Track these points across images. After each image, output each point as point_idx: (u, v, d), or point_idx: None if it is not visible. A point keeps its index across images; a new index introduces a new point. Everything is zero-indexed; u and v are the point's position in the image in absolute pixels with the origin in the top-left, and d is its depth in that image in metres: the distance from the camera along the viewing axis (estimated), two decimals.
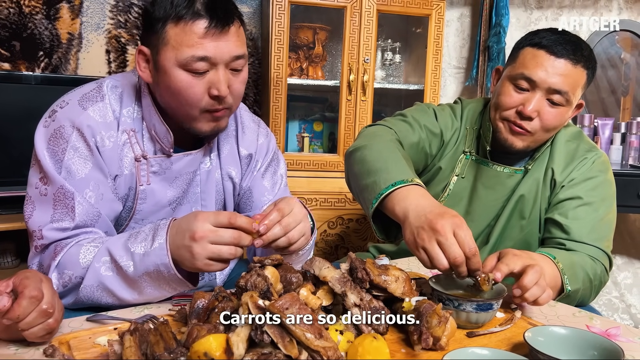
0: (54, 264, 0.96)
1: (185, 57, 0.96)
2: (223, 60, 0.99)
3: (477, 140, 1.37)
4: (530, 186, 1.30)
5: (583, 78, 1.21)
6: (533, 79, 1.19)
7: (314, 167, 2.25)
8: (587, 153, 1.30)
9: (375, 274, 0.84)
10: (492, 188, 1.33)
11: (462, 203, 1.36)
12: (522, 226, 1.31)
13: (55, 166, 0.98)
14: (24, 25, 2.15)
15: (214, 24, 0.96)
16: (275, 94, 2.16)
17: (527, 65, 1.21)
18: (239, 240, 0.88)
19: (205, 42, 0.97)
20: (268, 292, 0.76)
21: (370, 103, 2.25)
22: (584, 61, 1.20)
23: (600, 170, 1.29)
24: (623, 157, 2.64)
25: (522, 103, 1.22)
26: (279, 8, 2.11)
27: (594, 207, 1.25)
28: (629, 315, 2.82)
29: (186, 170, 1.12)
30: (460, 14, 2.74)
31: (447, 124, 1.38)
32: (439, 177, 1.39)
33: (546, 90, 1.19)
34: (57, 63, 2.22)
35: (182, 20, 0.96)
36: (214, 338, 0.64)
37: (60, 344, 0.76)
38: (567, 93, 1.19)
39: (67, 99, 1.04)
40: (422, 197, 1.00)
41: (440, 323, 0.77)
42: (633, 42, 2.79)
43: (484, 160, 1.34)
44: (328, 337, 0.69)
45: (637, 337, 0.88)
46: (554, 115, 1.21)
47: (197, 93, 0.99)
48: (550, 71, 1.18)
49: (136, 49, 1.03)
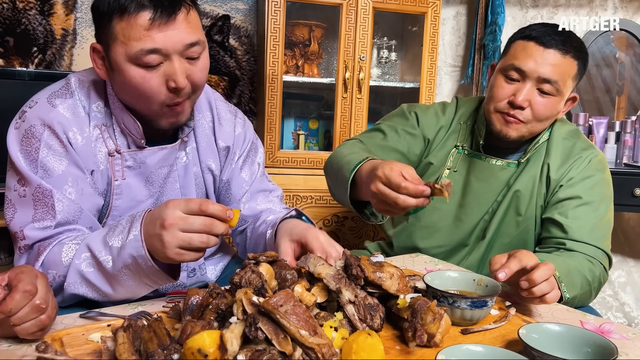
0: (37, 264, 0.95)
1: (134, 51, 0.93)
2: (175, 50, 0.95)
3: (471, 135, 1.38)
4: (526, 182, 1.30)
5: (573, 68, 1.23)
6: (523, 69, 1.22)
7: (310, 164, 2.25)
8: (584, 151, 1.31)
9: (370, 270, 0.84)
10: (485, 181, 1.33)
11: (455, 196, 1.37)
12: (518, 222, 1.31)
13: (31, 166, 0.97)
14: (18, 21, 2.14)
15: (159, 14, 0.92)
16: (271, 91, 2.15)
17: (518, 57, 1.24)
18: (210, 227, 0.84)
19: (152, 33, 0.93)
20: (262, 288, 0.75)
21: (365, 101, 2.25)
22: (573, 51, 1.22)
23: (597, 169, 1.29)
24: (617, 156, 2.65)
25: (514, 93, 1.24)
26: (274, 5, 2.10)
27: (593, 207, 1.25)
28: (623, 314, 2.84)
29: (161, 165, 1.10)
30: (456, 12, 2.74)
31: (429, 123, 1.41)
32: (429, 171, 1.40)
33: (536, 80, 1.22)
34: (51, 59, 2.21)
35: (126, 13, 0.92)
36: (207, 334, 0.63)
37: (53, 341, 0.76)
38: (557, 82, 1.21)
39: (36, 98, 1.02)
40: (374, 164, 1.06)
41: (434, 320, 0.77)
42: (628, 42, 2.80)
43: (476, 154, 1.36)
44: (323, 334, 0.68)
45: (631, 334, 0.88)
46: (544, 104, 1.23)
47: (154, 87, 0.96)
48: (540, 61, 1.21)
49: (90, 47, 1.00)
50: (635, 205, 2.32)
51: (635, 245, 2.83)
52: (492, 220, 1.33)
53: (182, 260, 0.86)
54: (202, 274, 1.24)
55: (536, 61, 1.21)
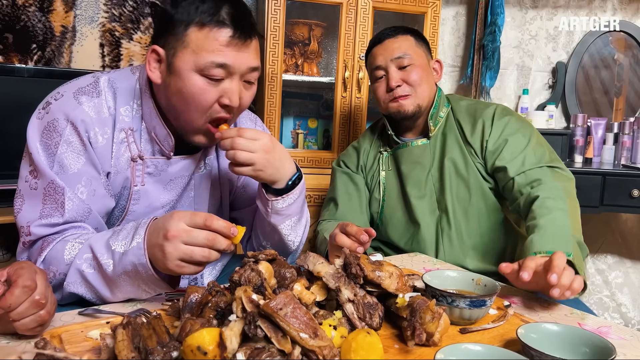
0: (40, 259, 0.95)
1: (204, 62, 0.96)
2: (240, 71, 1.00)
3: (387, 137, 1.56)
4: (451, 148, 1.46)
5: (410, 40, 1.48)
6: (380, 64, 1.46)
7: (309, 163, 2.25)
8: (487, 108, 1.47)
9: (369, 269, 0.84)
10: (415, 162, 1.50)
11: (397, 189, 1.52)
12: (465, 183, 1.44)
13: (48, 160, 0.97)
14: (17, 17, 2.13)
15: (238, 35, 0.97)
16: (270, 90, 2.15)
17: (372, 62, 1.50)
18: (213, 242, 0.85)
19: (227, 50, 0.97)
20: (262, 286, 0.75)
21: (365, 100, 2.25)
22: (401, 31, 1.48)
23: (504, 114, 1.44)
24: (615, 157, 2.66)
25: (387, 84, 1.46)
26: (274, 4, 2.10)
27: (519, 137, 1.40)
28: (620, 314, 2.84)
29: (181, 174, 1.11)
30: (456, 13, 2.74)
31: (353, 159, 1.62)
32: (373, 186, 1.57)
33: (394, 62, 1.45)
34: (50, 56, 2.20)
35: (207, 26, 0.96)
36: (207, 332, 0.63)
37: (52, 338, 0.76)
38: (406, 53, 1.45)
39: (62, 91, 1.02)
40: None
41: (433, 319, 0.77)
42: (627, 43, 2.80)
43: (396, 147, 1.53)
44: (323, 336, 0.68)
45: (629, 335, 0.88)
46: (414, 73, 1.45)
47: (209, 100, 0.99)
48: (385, 52, 1.46)
49: (149, 48, 1.01)
50: (633, 206, 2.32)
51: (632, 247, 2.84)
52: (444, 195, 1.44)
53: (182, 272, 0.86)
54: (203, 284, 1.24)
55: (383, 54, 1.46)
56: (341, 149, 2.26)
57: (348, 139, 2.26)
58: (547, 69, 2.83)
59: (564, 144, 2.58)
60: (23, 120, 1.05)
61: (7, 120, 1.87)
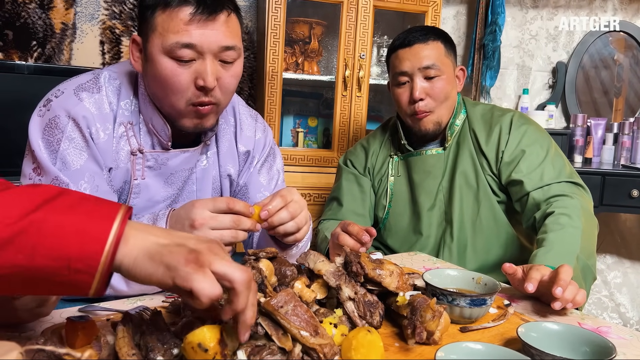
0: None
1: (169, 43, 0.95)
2: (210, 50, 0.96)
3: (399, 142, 1.52)
4: (465, 159, 1.42)
5: (440, 47, 1.40)
6: (405, 70, 1.39)
7: (308, 162, 2.25)
8: (502, 116, 1.42)
9: (369, 268, 0.84)
10: (428, 172, 1.46)
11: (406, 197, 1.49)
12: (475, 195, 1.39)
13: (50, 157, 0.97)
14: (17, 14, 2.13)
15: (201, 10, 0.94)
16: (271, 88, 2.15)
17: (397, 65, 1.41)
18: (239, 223, 0.88)
19: (191, 28, 0.94)
20: (262, 284, 0.75)
21: (365, 99, 2.25)
22: (432, 35, 1.40)
23: (522, 123, 1.40)
24: (615, 157, 2.66)
25: (410, 93, 1.40)
26: (275, 2, 2.10)
27: (537, 149, 1.35)
28: (618, 314, 2.85)
29: (182, 167, 1.11)
30: (457, 12, 2.74)
31: (360, 162, 1.57)
32: (380, 190, 1.53)
33: (419, 72, 1.38)
34: (51, 53, 2.20)
35: (170, 6, 0.95)
36: (208, 329, 0.63)
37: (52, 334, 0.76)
38: (435, 64, 1.37)
39: (63, 88, 1.02)
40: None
41: (434, 317, 0.77)
42: (627, 43, 2.80)
43: (408, 154, 1.49)
44: (324, 334, 0.68)
45: (629, 335, 0.88)
46: (439, 87, 1.39)
47: (182, 82, 0.97)
48: (412, 58, 1.38)
49: (130, 38, 1.02)
50: (632, 206, 2.33)
51: (631, 247, 2.84)
52: (452, 205, 1.41)
53: None
54: None
55: (410, 60, 1.38)
56: (341, 147, 2.26)
57: (348, 137, 2.26)
58: (547, 68, 2.84)
59: (564, 144, 2.58)
60: (23, 117, 1.05)
61: (8, 118, 1.86)
